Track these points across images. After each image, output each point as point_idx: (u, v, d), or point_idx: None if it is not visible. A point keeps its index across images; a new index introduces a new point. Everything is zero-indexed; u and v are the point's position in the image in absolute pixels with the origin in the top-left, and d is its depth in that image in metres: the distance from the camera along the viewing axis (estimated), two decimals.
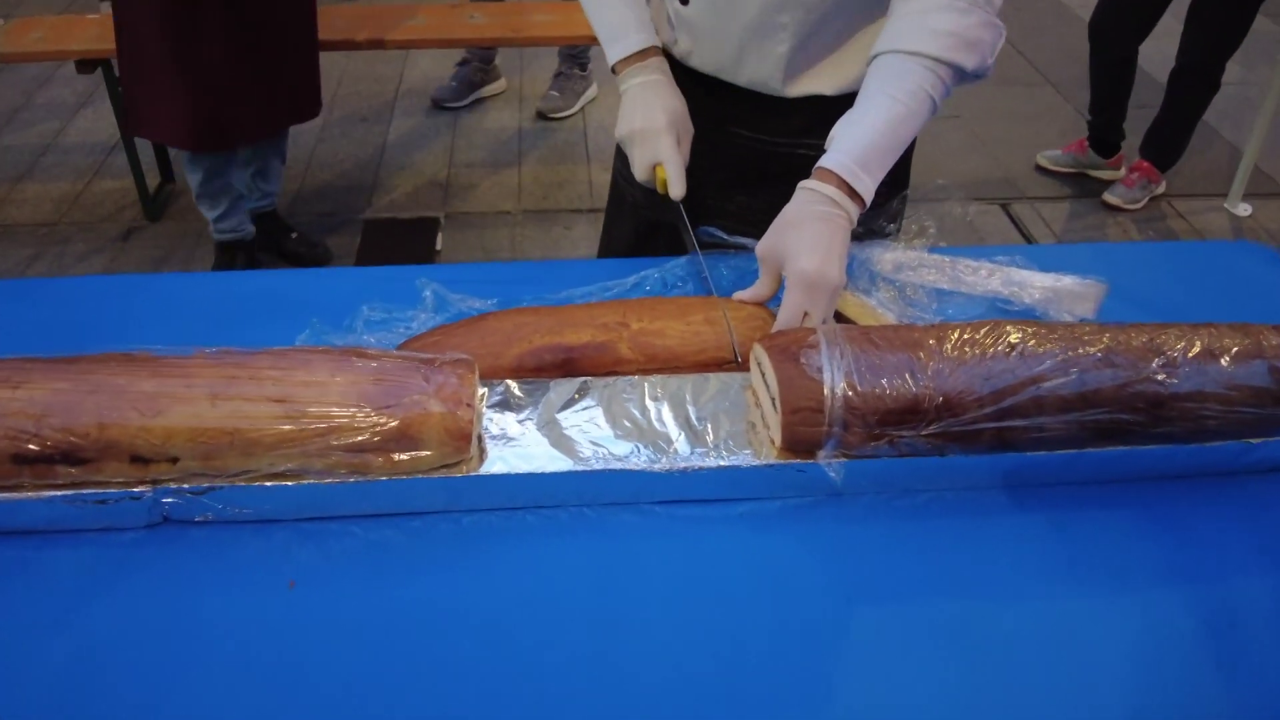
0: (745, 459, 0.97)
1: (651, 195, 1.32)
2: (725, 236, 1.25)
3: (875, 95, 1.10)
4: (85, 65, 2.85)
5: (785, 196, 1.13)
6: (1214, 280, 1.35)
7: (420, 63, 4.16)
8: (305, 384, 0.92)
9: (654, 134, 1.24)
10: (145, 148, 3.15)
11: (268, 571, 0.90)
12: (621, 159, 1.43)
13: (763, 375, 1.00)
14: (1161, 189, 3.53)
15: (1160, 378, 0.98)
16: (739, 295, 1.14)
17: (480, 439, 0.97)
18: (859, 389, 0.94)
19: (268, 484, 0.92)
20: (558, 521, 0.96)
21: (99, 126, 3.66)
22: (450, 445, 0.93)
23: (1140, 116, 3.51)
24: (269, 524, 0.94)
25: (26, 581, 0.89)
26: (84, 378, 0.92)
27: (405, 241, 3.14)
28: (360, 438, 0.91)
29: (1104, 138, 3.55)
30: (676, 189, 1.23)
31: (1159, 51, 3.41)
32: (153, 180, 3.25)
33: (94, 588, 0.89)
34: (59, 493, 0.91)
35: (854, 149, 1.08)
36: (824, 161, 1.09)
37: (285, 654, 0.84)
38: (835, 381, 0.94)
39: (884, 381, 0.95)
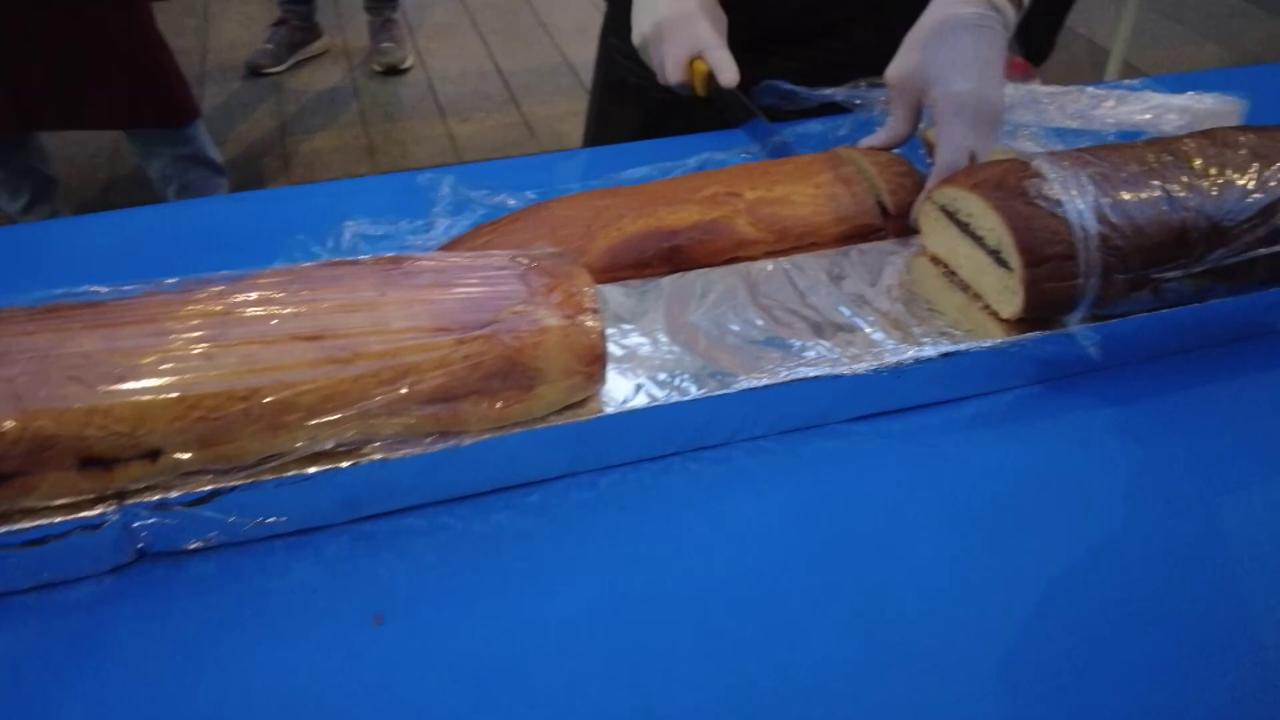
0: (969, 342, 0.70)
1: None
2: (801, 90, 0.97)
3: None
4: None
5: (857, 44, 0.88)
6: None
7: (225, 29, 3.66)
8: (347, 308, 0.59)
9: (686, 20, 0.97)
10: None
11: (336, 609, 0.57)
12: (617, 35, 1.13)
13: (963, 228, 0.73)
14: (1037, 85, 3.46)
15: None
16: (865, 142, 0.87)
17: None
18: (1113, 221, 0.69)
19: (311, 471, 0.59)
20: (732, 465, 0.67)
21: None
22: (580, 373, 0.62)
23: None
24: (316, 534, 0.61)
25: None
26: None
27: None
28: (447, 378, 0.59)
29: None
30: (728, 74, 0.96)
31: None
32: None
33: (40, 684, 0.54)
34: None
35: None
36: None
37: None
38: (1084, 214, 0.69)
39: (1139, 210, 0.70)
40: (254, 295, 0.60)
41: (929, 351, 0.69)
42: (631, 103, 1.18)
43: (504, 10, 3.88)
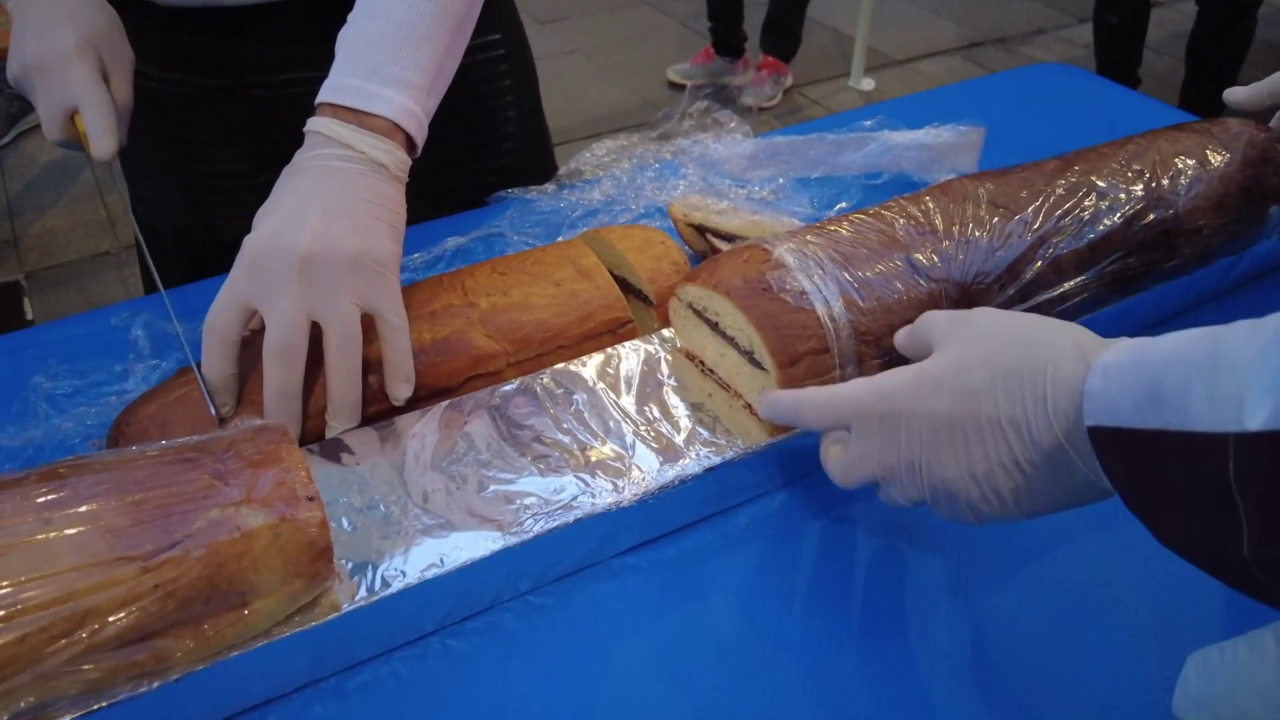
0: (735, 448, 0.66)
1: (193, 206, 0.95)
2: (529, 194, 0.91)
3: None
4: None
5: None
6: (1058, 107, 1.20)
7: None
8: (3, 550, 0.49)
9: (59, 64, 0.75)
10: None
11: None
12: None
13: (713, 326, 0.69)
14: (790, 81, 3.54)
15: (1158, 201, 0.78)
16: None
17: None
18: (862, 305, 0.66)
19: None
20: (498, 633, 0.60)
21: None
22: (303, 574, 0.54)
23: (756, 15, 3.49)
24: None
25: None
26: None
27: None
28: (136, 617, 0.50)
29: (727, 41, 3.50)
30: (100, 143, 0.75)
31: None
32: None
33: None
34: None
35: (351, 58, 0.71)
36: (322, 91, 0.71)
37: None
38: (831, 304, 0.65)
39: (885, 288, 0.67)
40: None
41: (693, 469, 0.64)
42: (171, 248, 1.02)
43: None
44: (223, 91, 0.91)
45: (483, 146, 1.01)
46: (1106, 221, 0.76)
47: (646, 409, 0.68)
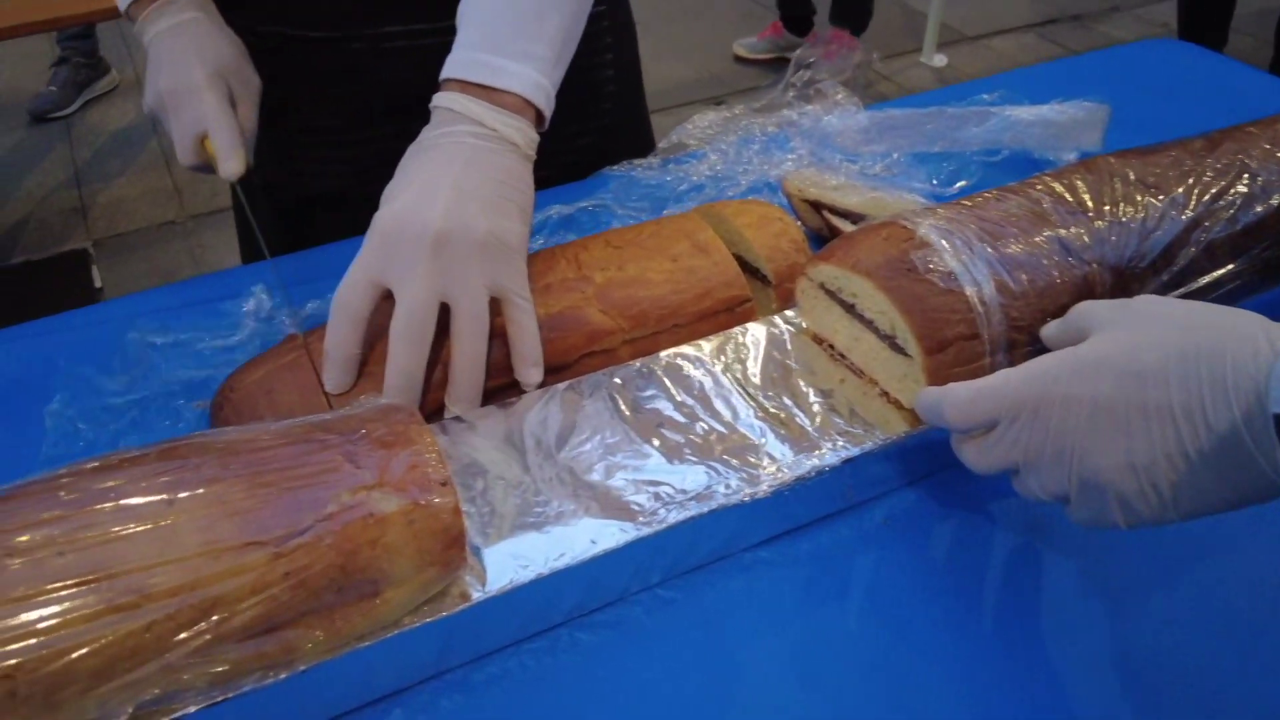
0: (874, 438, 0.62)
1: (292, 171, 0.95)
2: (635, 172, 0.88)
3: None
4: None
5: None
6: (1174, 84, 1.14)
7: (1, 73, 3.33)
8: (127, 531, 0.47)
9: (190, 93, 0.79)
10: None
11: None
12: None
13: (848, 308, 0.65)
14: (859, 56, 3.46)
15: None
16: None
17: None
18: (1014, 289, 0.62)
19: None
20: (627, 627, 0.57)
21: None
22: (436, 562, 0.51)
23: None
24: None
25: None
26: None
27: (51, 287, 2.46)
28: (266, 606, 0.47)
29: (795, 14, 3.43)
30: (228, 164, 0.78)
31: None
32: None
33: None
34: None
35: (478, 30, 0.69)
36: (446, 65, 0.70)
37: None
38: (982, 286, 0.61)
39: (1036, 269, 0.63)
40: (7, 527, 0.47)
41: (831, 459, 0.60)
42: (267, 205, 1.00)
43: None
44: (323, 44, 0.90)
45: (582, 105, 0.98)
46: (1260, 205, 0.71)
47: (774, 395, 0.65)
